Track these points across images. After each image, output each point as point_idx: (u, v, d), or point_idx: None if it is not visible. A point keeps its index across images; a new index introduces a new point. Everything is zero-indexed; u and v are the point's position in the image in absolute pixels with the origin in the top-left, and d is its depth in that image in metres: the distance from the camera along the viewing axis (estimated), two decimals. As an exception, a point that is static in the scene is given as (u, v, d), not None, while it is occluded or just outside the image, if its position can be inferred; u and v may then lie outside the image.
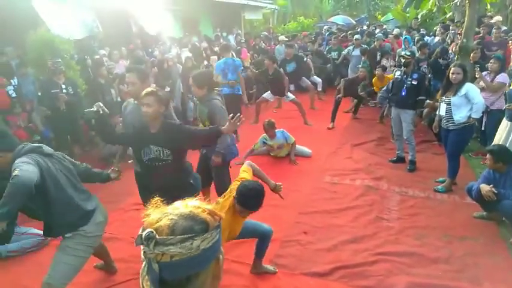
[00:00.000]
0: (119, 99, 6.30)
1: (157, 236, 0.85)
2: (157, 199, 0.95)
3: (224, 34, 12.47)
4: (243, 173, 2.95)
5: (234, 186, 2.78)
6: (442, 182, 4.87)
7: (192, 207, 0.93)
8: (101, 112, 2.95)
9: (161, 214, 0.90)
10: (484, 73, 5.58)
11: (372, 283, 3.15)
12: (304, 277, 3.25)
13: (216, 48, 9.43)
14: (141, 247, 0.88)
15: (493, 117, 5.44)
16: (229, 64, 6.58)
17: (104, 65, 6.54)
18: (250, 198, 2.61)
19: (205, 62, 8.04)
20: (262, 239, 3.12)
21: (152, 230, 0.85)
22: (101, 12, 8.86)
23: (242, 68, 7.08)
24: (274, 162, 5.88)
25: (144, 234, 0.85)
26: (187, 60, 7.60)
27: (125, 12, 10.00)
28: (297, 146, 5.92)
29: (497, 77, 5.41)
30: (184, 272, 0.87)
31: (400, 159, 5.66)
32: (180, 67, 7.44)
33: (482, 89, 5.31)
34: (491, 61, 5.61)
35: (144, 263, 0.88)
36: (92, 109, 2.97)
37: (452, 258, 3.46)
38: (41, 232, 2.79)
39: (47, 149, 2.57)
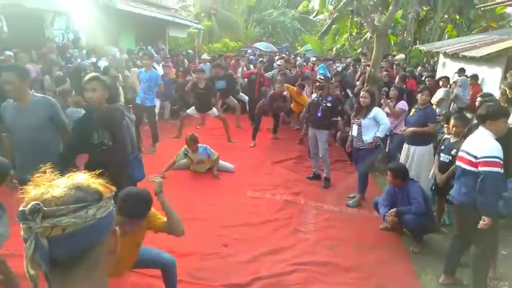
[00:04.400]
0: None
1: (44, 208, 0.77)
2: (38, 176, 0.85)
3: (149, 47, 12.21)
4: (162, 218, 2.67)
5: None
6: (353, 197, 5.25)
7: (81, 180, 0.87)
8: None
9: (46, 188, 0.82)
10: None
11: (289, 292, 3.23)
12: (223, 289, 3.21)
13: (139, 62, 9.15)
14: (21, 225, 0.79)
15: (395, 140, 6.06)
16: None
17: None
18: (126, 201, 2.31)
19: (126, 72, 7.75)
20: (165, 270, 2.81)
21: (38, 202, 0.77)
22: (8, 12, 8.12)
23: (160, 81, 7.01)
24: (197, 177, 5.81)
25: (28, 207, 0.77)
26: (106, 68, 7.24)
27: (38, 15, 9.30)
28: (220, 161, 5.93)
29: (398, 104, 6.09)
30: (80, 244, 0.80)
31: (316, 177, 5.98)
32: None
33: (386, 115, 5.91)
34: (392, 89, 6.33)
35: (28, 242, 0.78)
36: None
37: (362, 266, 3.71)
38: None
39: None
